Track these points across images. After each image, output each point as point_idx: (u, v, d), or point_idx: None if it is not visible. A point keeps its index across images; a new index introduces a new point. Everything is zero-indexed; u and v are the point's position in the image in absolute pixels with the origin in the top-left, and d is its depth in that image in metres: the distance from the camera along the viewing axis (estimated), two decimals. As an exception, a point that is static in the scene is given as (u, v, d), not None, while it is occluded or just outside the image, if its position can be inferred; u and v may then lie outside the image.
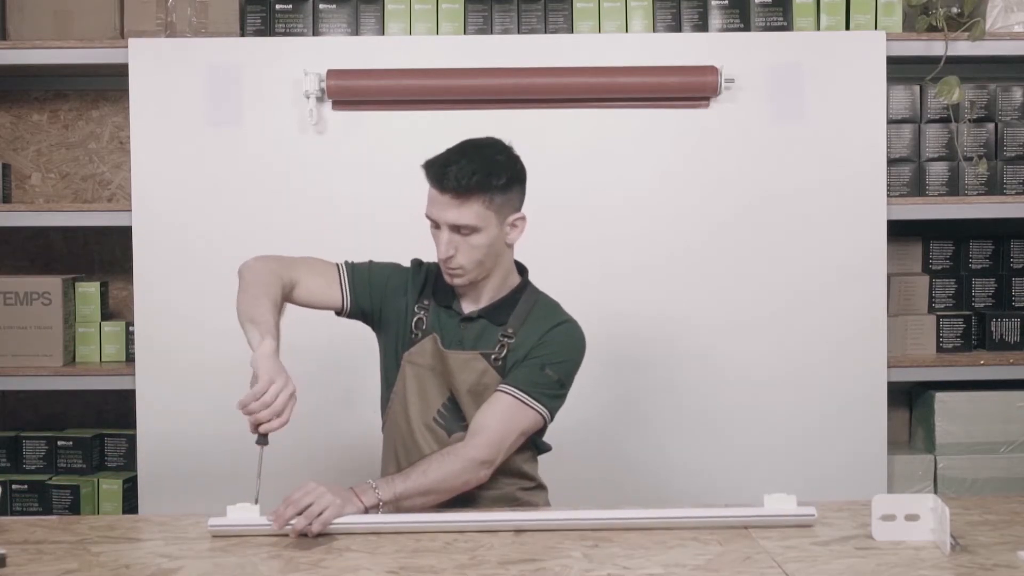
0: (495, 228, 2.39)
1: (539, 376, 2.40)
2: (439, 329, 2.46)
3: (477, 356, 2.42)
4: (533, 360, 2.40)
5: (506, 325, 2.44)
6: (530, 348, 2.41)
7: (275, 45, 3.41)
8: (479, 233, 2.37)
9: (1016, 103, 3.60)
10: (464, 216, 2.35)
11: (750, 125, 3.39)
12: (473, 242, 2.37)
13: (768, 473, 3.37)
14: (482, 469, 2.35)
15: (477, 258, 2.39)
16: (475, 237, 2.37)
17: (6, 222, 3.52)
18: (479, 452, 2.33)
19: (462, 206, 2.35)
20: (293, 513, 2.12)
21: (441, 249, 2.39)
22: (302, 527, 2.11)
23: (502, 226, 2.40)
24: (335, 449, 3.32)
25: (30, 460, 3.58)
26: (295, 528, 2.11)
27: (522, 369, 2.40)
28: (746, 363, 3.41)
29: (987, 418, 3.53)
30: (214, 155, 3.38)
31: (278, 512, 2.14)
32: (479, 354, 2.42)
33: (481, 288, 2.46)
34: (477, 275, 2.42)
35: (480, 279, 2.44)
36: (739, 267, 3.41)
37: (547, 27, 3.47)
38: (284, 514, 2.12)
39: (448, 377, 2.44)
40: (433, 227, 2.41)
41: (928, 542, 2.06)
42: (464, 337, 2.45)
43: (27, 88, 3.77)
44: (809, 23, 3.46)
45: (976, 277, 3.69)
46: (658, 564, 1.97)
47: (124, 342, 3.59)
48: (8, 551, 2.05)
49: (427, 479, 2.28)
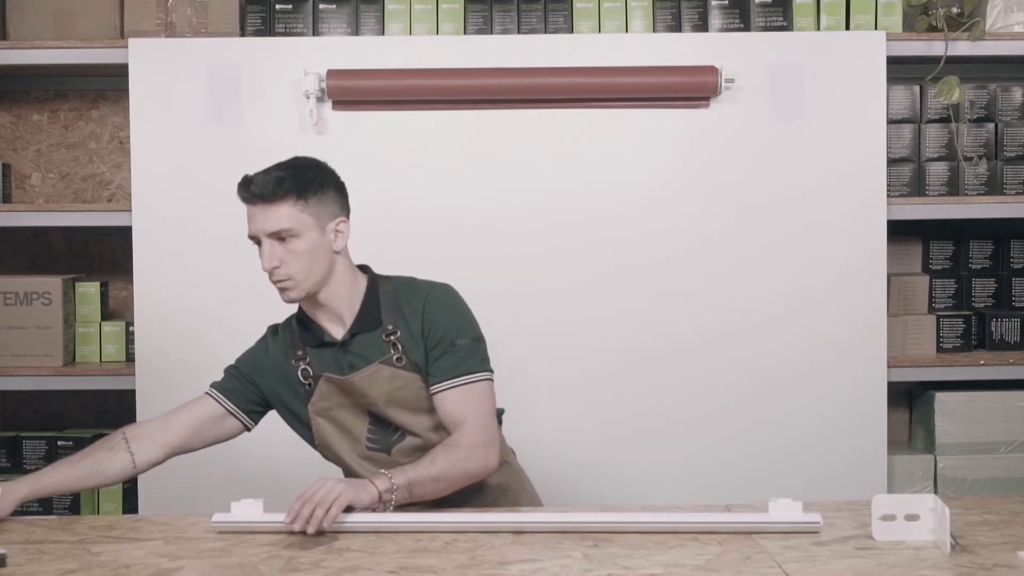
0: (315, 232, 2.34)
1: (457, 352, 2.38)
2: (326, 366, 2.42)
3: (378, 366, 2.39)
4: (439, 346, 2.38)
5: (383, 325, 2.40)
6: (422, 333, 2.38)
7: (275, 45, 3.41)
8: (298, 238, 2.33)
9: (1016, 103, 3.60)
10: (276, 220, 2.32)
11: (750, 125, 3.39)
12: (295, 248, 2.33)
13: (768, 473, 3.37)
14: (488, 453, 2.35)
15: (304, 266, 2.34)
16: (295, 243, 2.33)
17: (6, 222, 3.52)
18: (472, 438, 2.33)
19: (273, 211, 2.32)
20: (310, 509, 2.11)
21: (264, 262, 2.34)
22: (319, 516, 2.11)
23: (324, 231, 2.36)
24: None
25: (30, 460, 3.58)
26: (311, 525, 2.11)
27: (440, 361, 2.38)
28: (746, 363, 3.41)
29: (987, 418, 3.53)
30: (214, 155, 3.38)
31: (294, 508, 2.13)
32: (379, 363, 2.39)
33: (339, 308, 2.42)
34: (312, 286, 2.36)
35: (316, 290, 2.38)
36: (739, 267, 3.41)
37: (547, 27, 3.47)
38: (302, 511, 2.12)
39: (360, 400, 2.41)
40: (256, 245, 2.37)
41: (928, 542, 2.06)
42: (353, 360, 2.41)
43: (27, 88, 3.77)
44: (809, 23, 3.47)
45: (976, 277, 3.69)
46: (658, 564, 1.97)
47: (124, 342, 3.59)
48: (8, 551, 2.05)
49: (435, 467, 2.29)
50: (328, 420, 2.44)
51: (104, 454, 2.44)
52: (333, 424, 2.44)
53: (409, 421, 2.41)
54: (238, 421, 2.51)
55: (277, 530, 2.17)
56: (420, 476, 2.28)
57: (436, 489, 2.31)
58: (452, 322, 2.40)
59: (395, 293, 2.43)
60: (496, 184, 3.39)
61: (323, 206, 2.37)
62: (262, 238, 2.34)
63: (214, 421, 2.50)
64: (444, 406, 2.38)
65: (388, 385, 2.39)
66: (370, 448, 2.44)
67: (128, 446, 2.46)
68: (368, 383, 2.39)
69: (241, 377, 2.51)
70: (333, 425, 2.44)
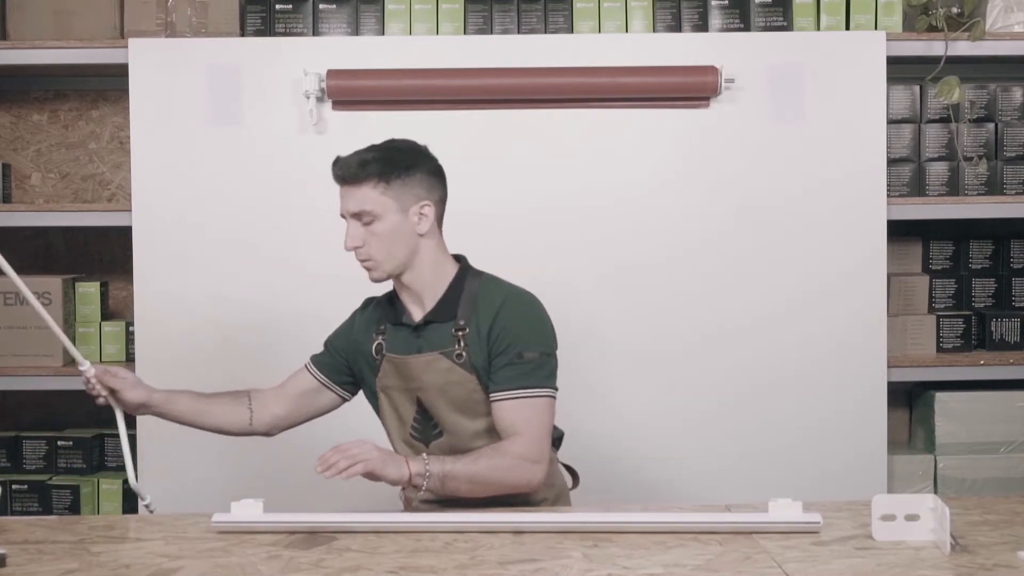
0: (396, 215, 2.37)
1: (523, 365, 2.37)
2: (395, 345, 2.46)
3: (438, 356, 2.40)
4: (503, 355, 2.38)
5: (456, 319, 2.41)
6: (489, 340, 2.38)
7: (275, 45, 3.41)
8: (379, 220, 2.36)
9: (1016, 103, 3.60)
10: (358, 201, 2.37)
11: (750, 125, 3.39)
12: (376, 230, 2.37)
13: (768, 473, 3.37)
14: (533, 469, 2.35)
15: (385, 247, 2.38)
16: (376, 225, 2.37)
17: (6, 222, 3.52)
18: (523, 449, 2.33)
19: (356, 192, 2.37)
20: (337, 458, 2.21)
21: (347, 241, 2.40)
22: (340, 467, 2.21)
23: (406, 214, 2.38)
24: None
25: (30, 460, 3.58)
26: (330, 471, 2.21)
27: (504, 370, 2.37)
28: (746, 363, 3.41)
29: (987, 418, 3.53)
30: (214, 155, 3.38)
31: (325, 456, 2.22)
32: (439, 354, 2.40)
33: (420, 292, 2.44)
34: (393, 268, 2.40)
35: (399, 272, 2.41)
36: (739, 267, 3.41)
37: (547, 27, 3.47)
38: (331, 458, 2.22)
39: (414, 384, 2.43)
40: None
41: (928, 542, 2.06)
42: (422, 345, 2.43)
43: (27, 88, 3.77)
44: (809, 23, 3.47)
45: (976, 277, 3.69)
46: (658, 564, 1.97)
47: (124, 342, 3.59)
48: (8, 551, 2.05)
49: (476, 467, 2.31)
50: (388, 399, 2.48)
51: (230, 403, 2.56)
52: (390, 404, 2.48)
53: (452, 420, 2.42)
54: (333, 394, 2.58)
55: (277, 530, 2.17)
56: (458, 471, 2.30)
57: (470, 489, 2.32)
58: (522, 333, 2.39)
59: (477, 290, 2.44)
60: (496, 184, 3.39)
61: (407, 189, 2.38)
62: (347, 218, 2.40)
63: (312, 394, 2.58)
64: (501, 415, 2.37)
65: (442, 378, 2.40)
66: (412, 436, 2.47)
67: (250, 404, 2.56)
68: (423, 369, 2.41)
69: (333, 350, 2.58)
70: (390, 405, 2.48)
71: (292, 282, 3.38)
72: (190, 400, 2.54)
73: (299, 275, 3.38)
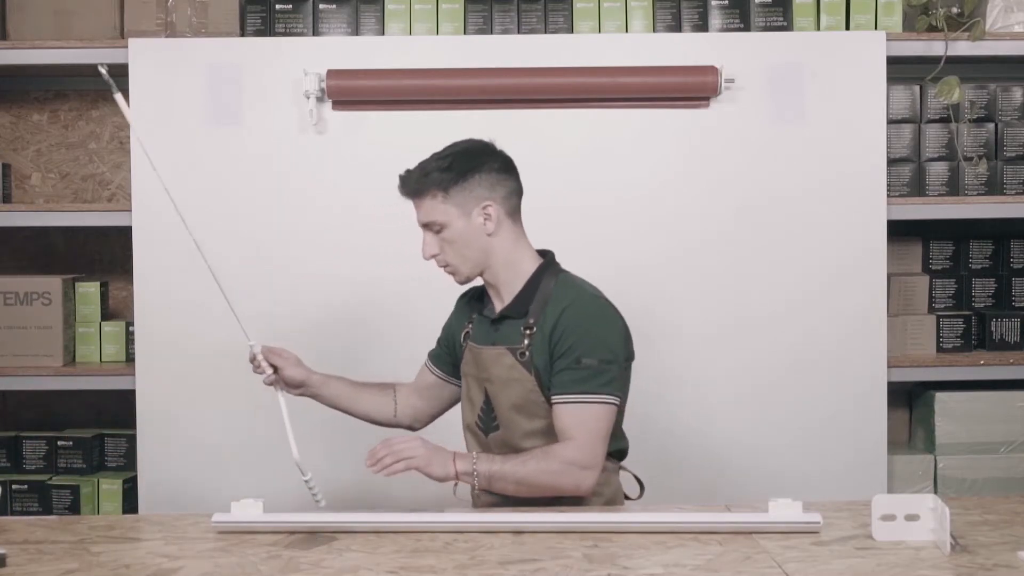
0: (460, 221, 2.42)
1: (581, 370, 2.37)
2: (478, 335, 2.52)
3: (504, 351, 2.44)
4: (564, 358, 2.38)
5: (527, 317, 2.44)
6: (551, 341, 2.40)
7: (275, 45, 3.41)
8: (448, 228, 2.43)
9: (1016, 103, 3.60)
10: (425, 213, 2.44)
11: (750, 125, 3.39)
12: (447, 237, 2.43)
13: (768, 473, 3.37)
14: (583, 475, 2.35)
15: (458, 252, 2.44)
16: (446, 232, 2.43)
17: (6, 222, 3.52)
18: (575, 454, 2.34)
19: (421, 205, 2.45)
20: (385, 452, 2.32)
21: (424, 250, 2.47)
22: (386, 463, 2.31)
23: (470, 217, 2.42)
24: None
25: (30, 460, 3.58)
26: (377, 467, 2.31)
27: (562, 374, 2.38)
28: (746, 363, 3.40)
29: (987, 418, 3.52)
30: (214, 155, 3.38)
31: (375, 451, 2.32)
32: (506, 349, 2.44)
33: (500, 288, 2.49)
34: (470, 270, 2.47)
35: (476, 272, 2.48)
36: (739, 267, 3.41)
37: (547, 27, 3.47)
38: (379, 453, 2.31)
39: (484, 375, 2.48)
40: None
41: (928, 542, 2.06)
42: (496, 338, 2.48)
43: (27, 88, 3.77)
44: (809, 23, 3.46)
45: (976, 277, 3.69)
46: (658, 564, 1.97)
47: (124, 342, 3.59)
48: (8, 551, 2.05)
49: (524, 468, 2.33)
50: (466, 384, 2.54)
51: (377, 393, 2.66)
52: (467, 390, 2.54)
53: (509, 416, 2.45)
54: (453, 386, 2.64)
55: (277, 530, 2.17)
56: (506, 472, 2.34)
57: (517, 490, 2.36)
58: (583, 338, 2.38)
59: (552, 290, 2.46)
60: (496, 184, 3.39)
61: (467, 193, 2.42)
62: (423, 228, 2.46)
63: (436, 388, 2.67)
64: (557, 417, 2.39)
65: (505, 373, 2.44)
66: (476, 424, 2.52)
67: (395, 396, 2.66)
68: (492, 361, 2.45)
69: (441, 343, 2.68)
70: (467, 391, 2.54)
71: (292, 282, 3.38)
72: (344, 386, 2.63)
73: (299, 275, 3.38)
